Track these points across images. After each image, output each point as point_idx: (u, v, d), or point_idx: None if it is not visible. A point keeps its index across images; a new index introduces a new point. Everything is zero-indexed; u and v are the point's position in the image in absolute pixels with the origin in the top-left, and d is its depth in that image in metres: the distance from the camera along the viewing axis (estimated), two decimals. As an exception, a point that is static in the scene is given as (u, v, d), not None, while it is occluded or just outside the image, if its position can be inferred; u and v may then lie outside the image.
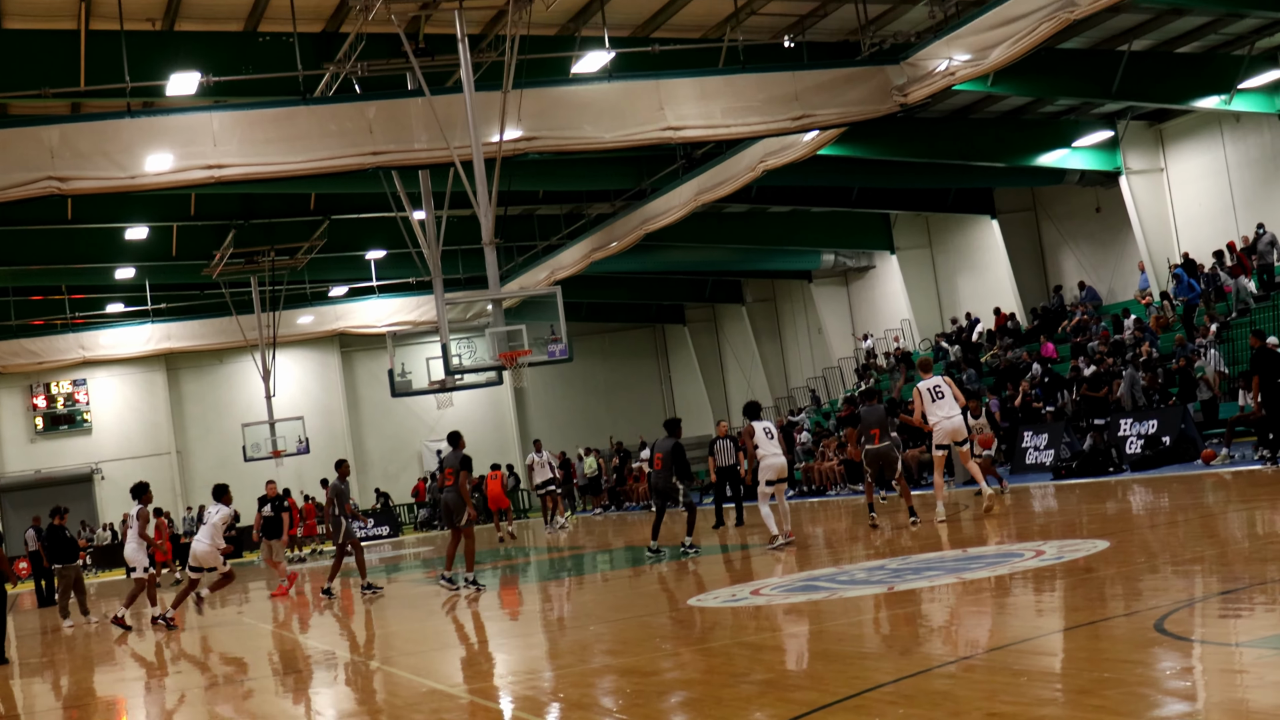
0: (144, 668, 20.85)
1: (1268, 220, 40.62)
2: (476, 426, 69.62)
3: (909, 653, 12.63)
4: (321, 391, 69.05)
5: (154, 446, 66.46)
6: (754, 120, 36.16)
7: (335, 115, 34.01)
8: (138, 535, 27.51)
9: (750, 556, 25.05)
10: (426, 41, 34.06)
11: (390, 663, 17.25)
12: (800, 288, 63.60)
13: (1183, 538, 18.85)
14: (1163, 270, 44.46)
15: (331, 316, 63.94)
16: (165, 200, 46.69)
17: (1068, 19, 30.70)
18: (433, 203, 39.65)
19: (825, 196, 52.77)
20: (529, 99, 34.05)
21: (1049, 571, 16.37)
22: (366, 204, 48.61)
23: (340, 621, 24.39)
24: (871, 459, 26.32)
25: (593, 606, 21.30)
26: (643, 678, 13.16)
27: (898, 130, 41.98)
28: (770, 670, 12.71)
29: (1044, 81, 39.42)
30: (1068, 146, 44.73)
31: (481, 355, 35.81)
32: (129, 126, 32.86)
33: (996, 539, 21.48)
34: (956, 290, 55.08)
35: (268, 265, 53.04)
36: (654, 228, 47.48)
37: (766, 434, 25.05)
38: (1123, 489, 28.62)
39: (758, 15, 36.93)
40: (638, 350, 74.86)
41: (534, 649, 16.95)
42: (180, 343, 62.58)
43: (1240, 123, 42.40)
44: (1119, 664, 10.59)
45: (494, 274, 34.45)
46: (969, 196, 51.85)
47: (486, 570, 30.19)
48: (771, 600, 17.30)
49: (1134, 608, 13.07)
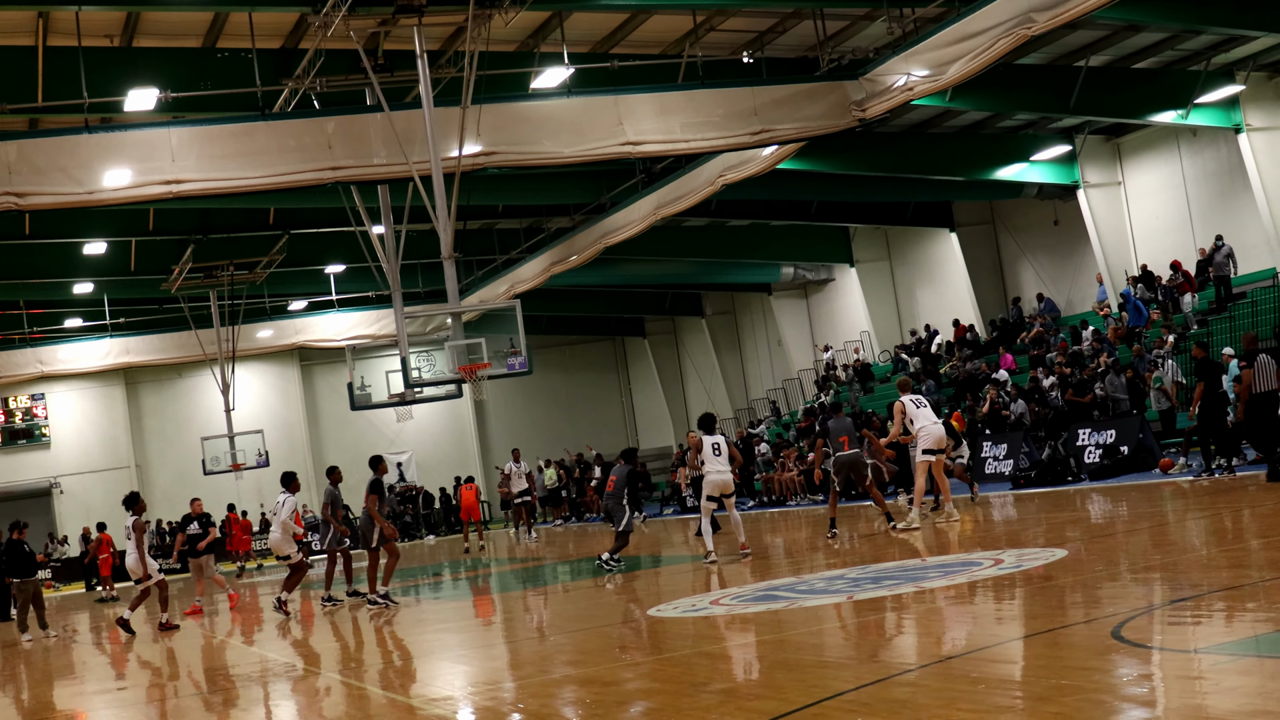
0: (102, 681, 20.80)
1: (1224, 233, 40.85)
2: (437, 439, 69.68)
3: (868, 661, 12.69)
4: (281, 405, 68.89)
5: (113, 460, 66.22)
6: (713, 135, 36.23)
7: (294, 131, 33.97)
8: (136, 546, 27.44)
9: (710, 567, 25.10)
10: (385, 57, 34.07)
11: (351, 675, 17.24)
12: (760, 300, 63.71)
13: (1140, 546, 18.96)
14: (1121, 282, 44.65)
15: (291, 330, 63.78)
16: (124, 215, 46.54)
17: (1025, 35, 30.83)
18: (392, 217, 39.60)
19: (785, 210, 52.87)
20: (488, 114, 34.07)
21: (1007, 580, 16.45)
22: (326, 219, 48.54)
23: (303, 634, 24.36)
24: (840, 466, 26.45)
25: (553, 617, 21.33)
26: (603, 688, 13.19)
27: (857, 145, 42.08)
28: (730, 680, 12.77)
29: (1002, 96, 39.60)
30: (1026, 160, 44.91)
31: (441, 368, 35.77)
32: (87, 142, 32.76)
33: (955, 548, 21.57)
34: (916, 302, 55.23)
35: (227, 280, 52.87)
36: (613, 241, 47.50)
37: (715, 449, 24.62)
38: (1081, 498, 28.76)
39: (717, 31, 37.01)
40: (598, 363, 74.87)
41: (495, 660, 16.98)
42: (139, 357, 62.35)
43: (1197, 137, 42.64)
44: (1077, 671, 10.67)
45: (453, 288, 34.47)
46: (928, 210, 52.01)
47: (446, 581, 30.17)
48: (731, 610, 17.35)
49: (1092, 615, 13.15)
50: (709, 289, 66.01)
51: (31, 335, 60.87)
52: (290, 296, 61.94)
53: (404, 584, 28.14)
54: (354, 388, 46.13)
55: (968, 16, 32.24)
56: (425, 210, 34.27)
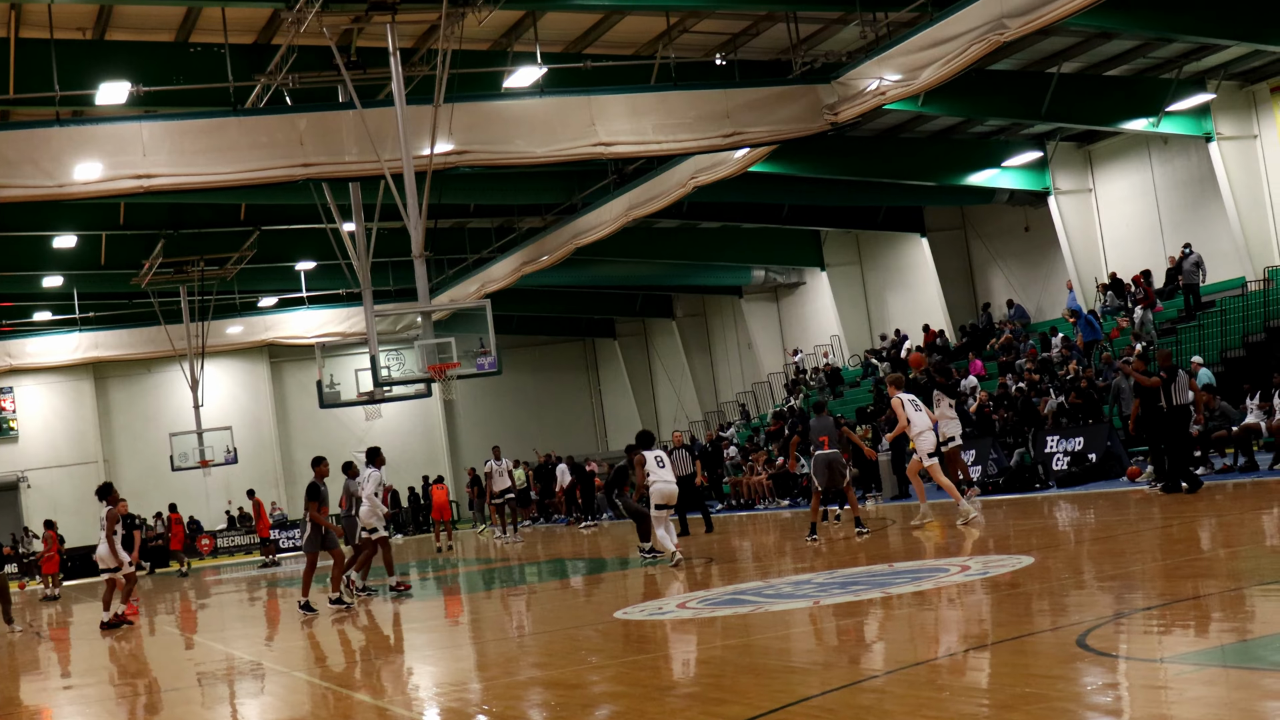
0: (66, 676, 20.73)
1: (1194, 241, 40.96)
2: (406, 438, 69.57)
3: (833, 666, 12.69)
4: (250, 401, 68.79)
5: (81, 455, 66.05)
6: (685, 137, 36.25)
7: (266, 127, 33.92)
8: (107, 537, 27.11)
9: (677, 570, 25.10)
10: (358, 54, 34.02)
11: (316, 675, 17.20)
12: (731, 303, 63.75)
13: (1107, 554, 18.99)
14: (1090, 289, 44.78)
15: (261, 327, 63.66)
16: (94, 209, 46.39)
17: (998, 41, 30.91)
18: (363, 215, 39.57)
19: (756, 213, 52.92)
20: (460, 113, 34.05)
21: (974, 586, 16.46)
22: (297, 215, 48.47)
23: (268, 633, 24.33)
24: (820, 465, 26.46)
25: (520, 618, 21.30)
26: (568, 690, 13.17)
27: (828, 148, 42.15)
28: (695, 683, 12.75)
29: (974, 102, 39.70)
30: (997, 166, 45.03)
31: (410, 367, 35.73)
32: (58, 135, 32.67)
33: (923, 554, 21.59)
34: (886, 307, 55.32)
35: (197, 275, 52.76)
36: (585, 242, 47.51)
37: (658, 462, 25.13)
38: (1049, 505, 28.81)
39: (690, 33, 37.04)
40: (568, 364, 74.88)
41: (461, 661, 16.95)
42: (108, 351, 62.23)
43: (1168, 145, 42.78)
44: (1042, 679, 10.68)
45: (424, 287, 34.44)
46: (899, 214, 52.10)
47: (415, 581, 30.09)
48: (698, 613, 17.34)
49: (1058, 623, 13.16)
50: (680, 291, 66.05)
51: (0, 328, 60.64)
52: (260, 293, 61.83)
53: (376, 583, 27.98)
54: (323, 385, 46.10)
55: (941, 22, 32.31)
56: (396, 208, 34.23)
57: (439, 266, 55.87)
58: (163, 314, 56.78)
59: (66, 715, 16.57)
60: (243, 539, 61.31)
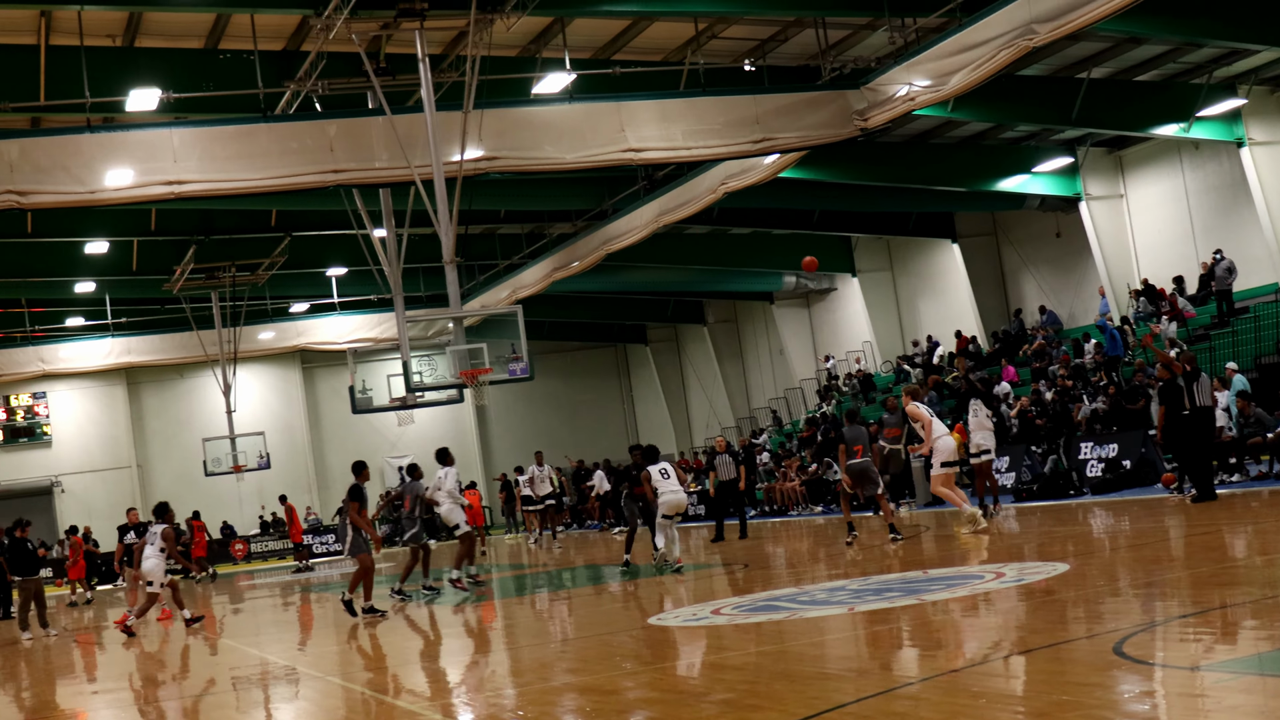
0: (100, 680, 20.77)
1: (1225, 246, 40.84)
2: (437, 444, 68.76)
3: (869, 673, 12.67)
4: (283, 407, 68.86)
5: (114, 460, 66.21)
6: (715, 143, 36.24)
7: (296, 133, 33.97)
8: (157, 551, 27.29)
9: (712, 576, 25.08)
10: (387, 61, 34.06)
11: (351, 679, 17.22)
12: (762, 309, 63.70)
13: (1142, 561, 18.93)
14: (1123, 295, 44.66)
15: (293, 333, 63.81)
16: (125, 215, 46.52)
17: (1027, 46, 30.83)
18: (394, 221, 39.58)
19: (787, 219, 52.85)
20: (490, 119, 34.05)
21: (1009, 593, 16.42)
22: (327, 221, 48.53)
23: (301, 637, 24.36)
24: (856, 474, 26.71)
25: (554, 624, 21.29)
26: (602, 696, 13.16)
27: (858, 154, 42.06)
28: (730, 690, 12.73)
29: (1004, 107, 39.56)
30: (1028, 172, 44.92)
31: (442, 373, 35.75)
32: (89, 141, 32.76)
33: (958, 561, 21.54)
34: (917, 313, 55.22)
35: (229, 281, 52.91)
36: (615, 248, 47.49)
37: (663, 474, 26.05)
38: (1083, 512, 28.73)
39: (719, 39, 37.02)
40: (599, 369, 74.84)
41: (496, 666, 16.95)
42: (141, 357, 62.40)
43: (1199, 150, 42.63)
44: (1078, 687, 10.63)
45: (455, 292, 34.45)
46: (930, 220, 52.02)
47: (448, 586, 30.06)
48: (732, 620, 17.32)
49: (1094, 630, 13.12)
50: (711, 297, 66.00)
51: (33, 334, 60.84)
52: (292, 299, 61.95)
53: (409, 588, 28.04)
54: (355, 391, 46.08)
55: (970, 27, 32.24)
56: (427, 214, 34.23)
57: (470, 272, 55.90)
58: (195, 319, 56.96)
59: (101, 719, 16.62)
60: (276, 544, 61.39)
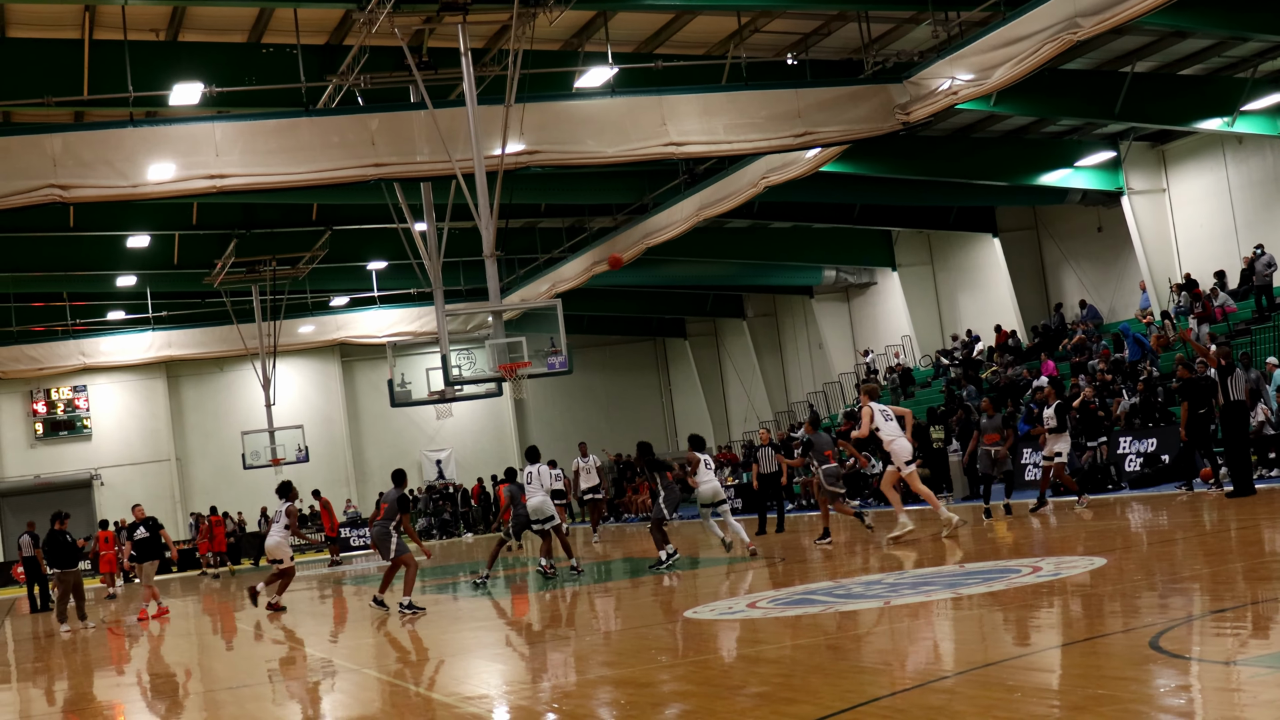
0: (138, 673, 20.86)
1: (1268, 242, 40.67)
2: (476, 437, 69.74)
3: (904, 667, 12.65)
4: (321, 400, 69.02)
5: (154, 453, 66.47)
6: (756, 137, 36.22)
7: (338, 127, 34.06)
8: (282, 529, 27.76)
9: (750, 569, 25.08)
10: (429, 55, 34.12)
11: (388, 672, 17.25)
12: (801, 303, 63.62)
13: (1180, 556, 18.89)
14: (1164, 290, 44.51)
15: (332, 326, 63.99)
16: (167, 209, 46.71)
17: (1071, 40, 30.76)
18: (434, 214, 39.65)
19: (827, 213, 52.81)
20: (531, 113, 34.10)
21: (1046, 587, 16.38)
22: (368, 215, 48.64)
23: (338, 630, 24.43)
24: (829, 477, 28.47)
25: (588, 617, 21.31)
26: (638, 689, 13.17)
27: (900, 148, 42.00)
28: (765, 683, 12.72)
29: (1047, 102, 39.45)
30: (1070, 166, 44.76)
31: (481, 367, 35.84)
32: (131, 135, 32.89)
33: (994, 554, 21.50)
34: (957, 307, 55.10)
35: (269, 274, 53.08)
36: (656, 242, 47.50)
37: (706, 464, 26.82)
38: (1121, 506, 28.65)
39: (761, 33, 37.01)
40: (638, 363, 74.83)
41: (532, 659, 16.96)
42: (181, 350, 62.63)
43: (1243, 145, 42.44)
44: (1114, 681, 10.61)
45: (494, 286, 34.50)
46: (971, 214, 51.89)
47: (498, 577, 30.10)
48: (768, 613, 17.31)
49: (1130, 625, 13.09)
50: (750, 291, 65.94)
51: (74, 327, 61.08)
52: (332, 292, 62.13)
53: (443, 581, 28.12)
54: (394, 384, 46.25)
55: (1013, 21, 32.18)
56: (467, 208, 34.31)
57: (510, 266, 56.00)
58: (235, 313, 57.15)
59: (137, 712, 16.67)
60: (313, 536, 61.56)
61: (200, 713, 15.82)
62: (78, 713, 17.32)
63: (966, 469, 37.34)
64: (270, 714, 14.94)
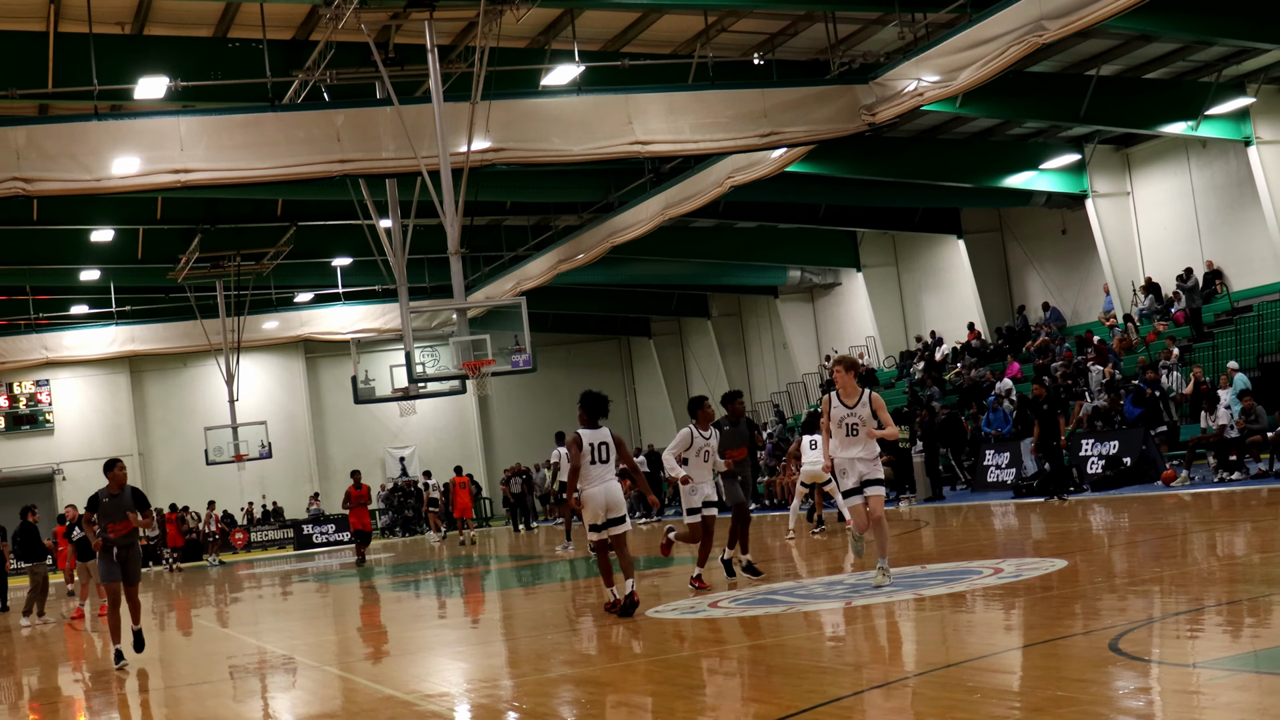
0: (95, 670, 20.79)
1: (1232, 246, 40.89)
2: (440, 434, 69.65)
3: (865, 667, 12.67)
4: (285, 397, 68.87)
5: (116, 448, 65.91)
6: (722, 136, 36.24)
7: (303, 122, 34.01)
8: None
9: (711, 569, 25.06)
10: (396, 51, 34.12)
11: (348, 668, 17.23)
12: (766, 303, 63.69)
13: (1141, 558, 18.96)
14: (1127, 293, 44.68)
15: (296, 322, 63.92)
16: (131, 203, 46.58)
17: (1037, 43, 30.84)
18: (399, 211, 39.60)
19: (792, 213, 52.86)
20: (498, 110, 34.09)
21: (1007, 589, 16.42)
22: (333, 211, 48.54)
23: (299, 625, 24.38)
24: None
25: (551, 615, 21.28)
26: (599, 688, 13.17)
27: (865, 149, 42.05)
28: (726, 683, 12.74)
29: (1012, 104, 39.57)
30: (1035, 169, 44.91)
31: (445, 364, 35.82)
32: (96, 129, 32.81)
33: (955, 555, 21.54)
34: (922, 308, 55.23)
35: (233, 270, 52.99)
36: (621, 241, 47.50)
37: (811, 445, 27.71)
38: (1082, 508, 28.74)
39: (728, 33, 37.03)
40: (602, 362, 74.77)
41: (492, 658, 16.96)
42: (144, 345, 62.51)
43: (1206, 149, 42.59)
44: (1074, 683, 10.65)
45: (459, 283, 34.49)
46: (935, 216, 52.00)
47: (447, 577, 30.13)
48: (729, 613, 17.32)
49: (1090, 626, 13.13)
50: (715, 290, 66.00)
51: (37, 321, 60.95)
52: (296, 288, 62.06)
53: (405, 579, 28.04)
54: (358, 381, 46.12)
55: (980, 23, 32.26)
56: (433, 205, 34.29)
57: (475, 264, 55.94)
58: (199, 309, 57.02)
59: (99, 709, 16.62)
60: (276, 533, 61.55)
61: (161, 709, 15.78)
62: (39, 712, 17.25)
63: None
64: (231, 711, 14.88)
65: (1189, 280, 41.40)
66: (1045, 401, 31.95)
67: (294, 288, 61.77)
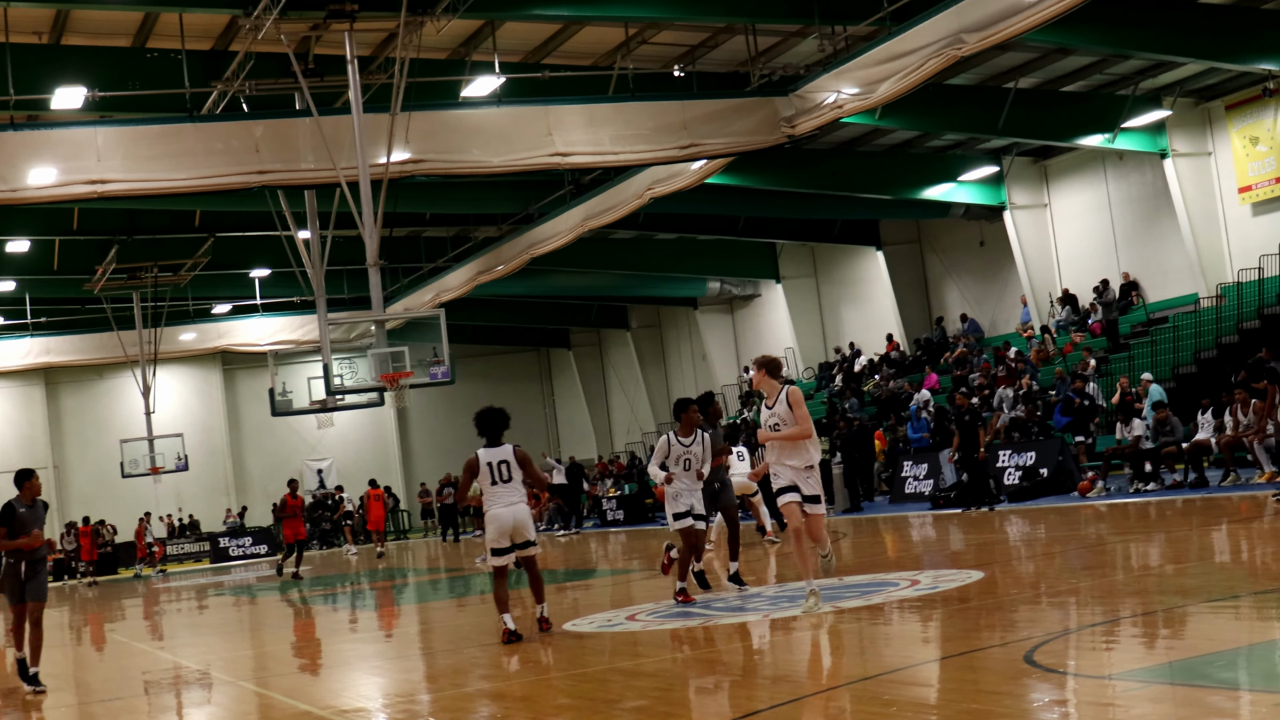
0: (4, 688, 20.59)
1: (1147, 257, 41.21)
2: (358, 446, 69.40)
3: (782, 680, 12.68)
4: (202, 409, 68.44)
5: (30, 460, 65.13)
6: (642, 148, 36.26)
7: (222, 133, 33.83)
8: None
9: (630, 581, 25.07)
10: (316, 62, 33.96)
11: (264, 684, 17.13)
12: (686, 314, 63.76)
13: (1057, 569, 19.04)
14: (1045, 304, 44.94)
15: (214, 334, 63.49)
16: (47, 214, 46.13)
17: (955, 55, 30.95)
18: (318, 223, 39.45)
19: (712, 225, 52.92)
20: (417, 121, 34.00)
21: (923, 601, 16.46)
22: (252, 222, 48.23)
23: (216, 640, 24.23)
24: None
25: (469, 630, 21.21)
26: (515, 703, 13.13)
27: (785, 161, 42.13)
28: (643, 696, 12.70)
29: (931, 116, 39.73)
30: (953, 181, 45.09)
31: (363, 376, 35.71)
32: (12, 139, 32.55)
33: (872, 568, 21.59)
34: (841, 320, 55.38)
35: (151, 281, 52.60)
36: (540, 252, 47.43)
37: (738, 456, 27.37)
38: (1000, 520, 28.85)
39: (648, 44, 37.03)
40: (522, 373, 74.68)
41: (409, 672, 16.89)
42: (60, 357, 61.94)
43: (1123, 161, 42.87)
44: (990, 695, 10.68)
45: (378, 295, 34.37)
46: (855, 228, 52.14)
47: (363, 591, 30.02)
48: (647, 626, 17.30)
49: (1006, 639, 13.18)
50: (635, 302, 66.03)
51: (-49, 333, 60.38)
52: (214, 300, 61.64)
53: (322, 592, 27.90)
54: (276, 393, 45.89)
55: (899, 36, 32.35)
56: (352, 216, 34.17)
57: (393, 275, 55.75)
58: (115, 320, 56.59)
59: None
60: (192, 546, 61.19)
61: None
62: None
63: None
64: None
65: (1105, 292, 41.84)
66: (966, 412, 32.20)
67: (212, 299, 61.38)
